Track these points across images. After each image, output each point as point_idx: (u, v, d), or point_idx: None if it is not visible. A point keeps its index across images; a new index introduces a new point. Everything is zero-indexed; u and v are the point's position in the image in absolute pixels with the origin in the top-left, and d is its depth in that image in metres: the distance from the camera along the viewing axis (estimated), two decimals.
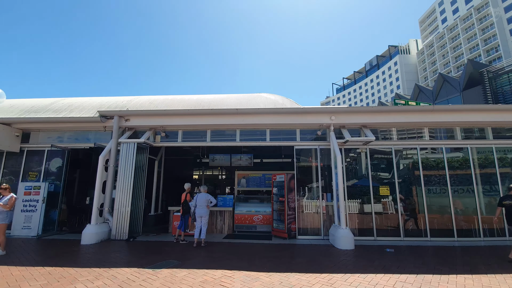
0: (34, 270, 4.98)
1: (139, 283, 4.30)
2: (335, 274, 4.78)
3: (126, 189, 7.88)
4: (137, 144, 8.15)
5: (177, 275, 4.68)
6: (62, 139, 9.16)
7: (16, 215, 8.25)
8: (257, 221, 8.96)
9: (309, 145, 8.50)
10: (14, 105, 10.40)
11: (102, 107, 9.52)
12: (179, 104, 10.00)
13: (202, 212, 7.06)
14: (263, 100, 10.20)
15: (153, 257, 5.90)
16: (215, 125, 8.60)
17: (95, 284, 4.25)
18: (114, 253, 6.35)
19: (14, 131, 8.84)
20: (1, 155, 9.04)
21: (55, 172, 8.97)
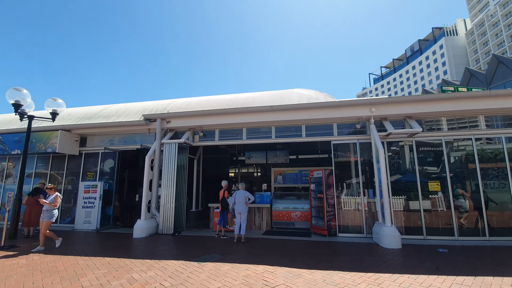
0: (96, 260, 5.56)
1: (186, 275, 4.55)
2: (382, 274, 4.56)
3: (170, 187, 8.39)
4: (178, 144, 8.61)
5: (221, 269, 4.86)
6: (113, 142, 10.05)
7: (78, 211, 9.31)
8: (295, 218, 8.90)
9: (348, 140, 8.18)
10: (71, 113, 11.66)
11: (145, 111, 10.21)
12: (214, 104, 10.30)
13: (241, 209, 7.23)
14: (296, 96, 10.04)
15: (197, 251, 6.20)
16: (250, 123, 8.70)
17: (148, 275, 4.61)
18: (162, 246, 6.81)
19: (73, 136, 9.94)
20: (64, 158, 10.22)
21: (108, 172, 9.89)
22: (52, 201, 6.53)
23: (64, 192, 10.05)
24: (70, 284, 4.22)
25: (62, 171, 10.25)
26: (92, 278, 4.45)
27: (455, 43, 63.70)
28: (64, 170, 10.23)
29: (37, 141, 9.48)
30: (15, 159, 10.67)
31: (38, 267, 5.11)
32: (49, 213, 6.53)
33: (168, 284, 4.13)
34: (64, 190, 10.05)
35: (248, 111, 8.49)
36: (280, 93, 10.71)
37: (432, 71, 67.06)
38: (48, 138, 9.47)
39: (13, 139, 9.96)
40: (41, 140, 9.52)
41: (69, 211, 9.82)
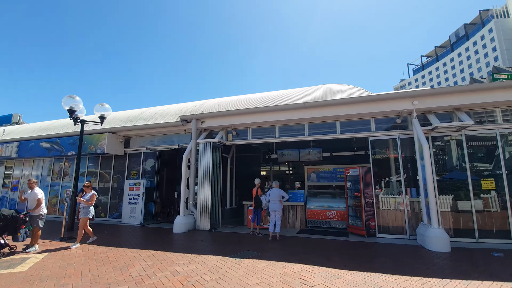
0: (142, 252, 5.98)
1: (225, 270, 4.70)
2: (429, 278, 4.26)
3: (206, 184, 8.70)
4: (212, 143, 8.88)
5: (258, 266, 4.93)
6: (153, 142, 10.70)
7: (124, 207, 10.08)
8: (331, 217, 8.68)
9: (387, 135, 7.74)
10: (115, 117, 12.63)
11: (180, 113, 10.66)
12: (245, 103, 10.40)
13: (276, 207, 7.24)
14: (328, 91, 9.75)
15: (234, 247, 6.36)
16: (283, 121, 8.66)
17: (189, 268, 4.84)
18: (200, 241, 7.10)
19: (119, 138, 10.77)
20: (111, 158, 11.14)
21: (149, 170, 10.56)
22: (88, 199, 6.90)
23: (111, 189, 10.96)
24: (121, 273, 4.60)
25: (110, 170, 11.18)
26: (139, 269, 4.79)
27: (506, 26, 56.74)
28: (112, 169, 11.14)
29: (88, 143, 10.45)
30: (70, 159, 11.88)
31: (93, 257, 5.64)
32: (86, 210, 6.88)
33: (208, 278, 4.30)
34: (111, 187, 10.97)
35: (280, 109, 8.46)
36: (311, 89, 10.49)
37: (480, 58, 60.56)
38: (98, 140, 10.39)
39: (69, 141, 11.10)
40: (91, 142, 10.48)
41: (116, 207, 10.69)
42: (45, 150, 11.73)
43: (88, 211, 6.89)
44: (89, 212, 6.91)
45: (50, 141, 11.65)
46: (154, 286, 4.00)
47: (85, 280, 4.29)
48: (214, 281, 4.19)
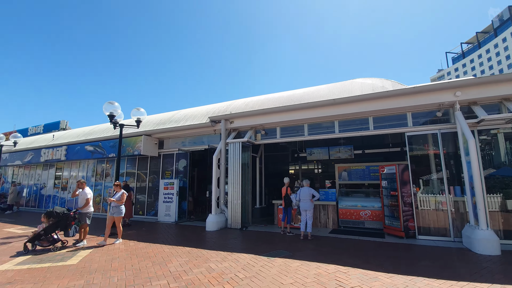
0: (178, 248, 6.24)
1: (258, 268, 4.73)
2: (478, 283, 3.91)
3: (236, 184, 8.83)
4: (241, 143, 8.99)
5: (291, 265, 4.89)
6: (185, 143, 11.12)
7: (160, 205, 10.60)
8: (365, 217, 8.35)
9: (426, 130, 7.24)
10: (149, 120, 13.30)
11: (208, 114, 10.93)
12: (272, 102, 10.35)
13: (306, 206, 7.13)
14: (358, 86, 9.36)
15: (265, 246, 6.38)
16: (312, 119, 8.50)
17: (223, 265, 4.95)
18: (232, 239, 7.23)
19: (153, 140, 11.36)
20: (147, 159, 11.79)
21: (182, 170, 11.00)
22: (118, 198, 6.99)
23: (148, 188, 11.59)
24: (160, 268, 4.84)
25: (146, 171, 11.83)
26: (176, 265, 5.01)
27: None
28: (147, 169, 11.79)
29: (126, 146, 11.16)
30: (111, 161, 12.78)
31: (135, 252, 6.01)
32: (118, 209, 6.97)
33: (242, 276, 4.37)
34: (147, 187, 11.60)
35: (308, 106, 8.31)
36: (339, 85, 10.13)
37: None
38: (135, 142, 11.05)
39: (109, 144, 11.94)
40: (129, 144, 11.17)
41: (153, 205, 11.29)
42: (89, 153, 12.75)
43: (120, 210, 7.01)
44: (121, 211, 7.02)
45: (93, 145, 12.64)
46: (191, 282, 4.15)
47: (128, 273, 4.59)
48: (248, 279, 4.24)
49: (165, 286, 4.01)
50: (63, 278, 4.39)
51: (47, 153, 14.58)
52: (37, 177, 16.36)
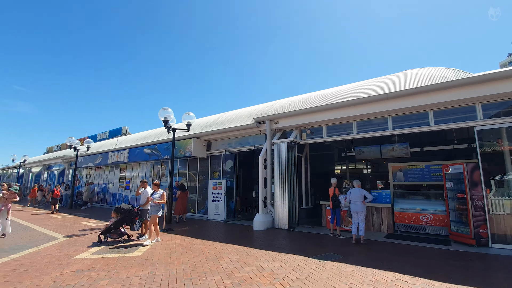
0: (228, 246, 6.47)
1: (309, 271, 4.63)
2: None
3: (282, 184, 8.81)
4: (287, 143, 8.93)
5: (344, 270, 4.68)
6: (231, 145, 11.50)
7: (209, 204, 11.13)
8: (426, 221, 7.58)
9: (500, 123, 6.27)
10: (196, 123, 14.06)
11: (251, 115, 11.10)
12: (317, 100, 10.05)
13: (358, 208, 6.76)
14: (412, 78, 8.52)
15: (314, 248, 6.22)
16: (361, 116, 8.04)
17: (273, 265, 4.97)
18: (280, 240, 7.22)
19: (202, 142, 12.01)
20: (196, 160, 12.50)
21: (229, 171, 11.39)
22: (159, 198, 7.13)
23: (198, 188, 12.27)
24: (213, 264, 5.07)
25: (196, 171, 12.55)
26: (228, 262, 5.19)
27: None
28: (197, 170, 12.49)
29: (178, 148, 11.98)
30: (165, 162, 13.86)
31: (189, 247, 6.41)
32: (157, 207, 7.05)
33: (293, 277, 4.32)
34: (198, 186, 12.28)
35: (357, 103, 7.87)
36: (390, 78, 9.33)
37: None
38: (185, 145, 11.81)
39: (164, 147, 12.98)
40: (180, 147, 11.98)
41: (203, 204, 11.91)
42: (147, 155, 14.04)
43: (158, 209, 7.06)
44: (159, 210, 7.06)
45: (150, 148, 13.88)
46: (243, 279, 4.26)
47: (186, 267, 4.91)
48: (300, 281, 4.18)
49: (220, 281, 4.18)
50: (130, 268, 4.89)
51: (113, 156, 16.48)
52: (105, 177, 18.60)
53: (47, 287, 4.01)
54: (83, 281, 4.25)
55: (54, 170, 24.85)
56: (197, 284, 4.09)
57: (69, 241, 7.20)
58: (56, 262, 5.24)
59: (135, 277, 4.39)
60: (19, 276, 4.49)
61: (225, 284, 4.08)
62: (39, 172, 27.22)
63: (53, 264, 5.11)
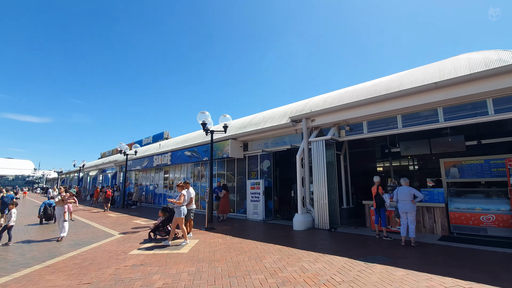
0: (269, 246, 6.49)
1: (355, 273, 4.44)
2: None
3: (321, 183, 8.58)
4: (325, 141, 8.69)
5: (394, 274, 4.40)
6: (267, 145, 11.55)
7: (248, 204, 11.30)
8: (487, 222, 6.78)
9: None
10: (232, 125, 14.36)
11: (286, 114, 10.99)
12: (354, 94, 9.55)
13: (407, 208, 6.30)
14: (464, 63, 7.64)
15: (359, 250, 5.95)
16: (406, 108, 7.48)
17: (317, 266, 4.87)
18: (321, 240, 7.05)
19: (238, 143, 12.25)
20: (234, 161, 12.80)
21: (266, 171, 11.44)
22: (177, 199, 7.04)
23: (236, 188, 12.54)
24: (256, 263, 5.14)
25: (233, 172, 12.84)
26: (270, 261, 5.22)
27: None
28: (235, 170, 12.77)
29: (216, 150, 12.38)
30: (204, 164, 14.42)
31: (231, 246, 6.57)
32: (177, 209, 6.96)
33: (338, 279, 4.19)
34: (236, 186, 12.55)
35: (402, 94, 7.34)
36: (437, 66, 8.49)
37: None
38: (223, 146, 12.16)
39: (202, 149, 13.52)
40: (218, 148, 12.37)
41: (241, 203, 12.14)
42: (187, 158, 14.76)
43: (180, 211, 6.94)
44: (181, 212, 6.95)
45: (190, 150, 14.57)
46: (287, 279, 4.24)
47: (230, 265, 5.05)
48: (346, 283, 4.03)
49: (263, 280, 4.22)
50: (179, 264, 5.18)
51: (157, 159, 17.64)
52: (151, 179, 20.00)
53: (108, 279, 4.44)
54: (138, 275, 4.61)
55: (107, 173, 27.44)
56: (242, 282, 4.18)
57: (123, 237, 7.88)
58: (115, 257, 5.77)
59: (184, 273, 4.64)
60: (84, 268, 5.04)
61: (269, 283, 4.11)
62: (96, 175, 30.26)
63: (112, 259, 5.64)
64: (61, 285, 4.23)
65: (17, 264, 5.42)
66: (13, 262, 5.55)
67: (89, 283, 4.29)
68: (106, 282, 4.28)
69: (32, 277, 4.64)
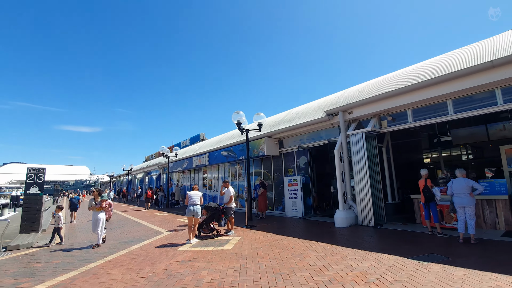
0: (312, 243, 6.39)
1: (408, 273, 4.17)
2: None
3: (363, 177, 8.20)
4: (365, 133, 8.26)
5: (454, 274, 4.03)
6: (303, 141, 11.36)
7: (286, 201, 11.26)
8: None
9: None
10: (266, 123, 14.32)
11: (320, 108, 10.66)
12: (394, 82, 8.87)
13: (464, 202, 5.72)
14: None
15: (410, 248, 5.56)
16: (458, 92, 6.76)
17: (364, 265, 4.66)
18: (367, 238, 6.74)
19: (273, 141, 12.25)
20: (270, 158, 12.83)
21: (303, 167, 11.27)
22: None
23: (273, 185, 12.56)
24: (299, 260, 5.10)
25: (270, 169, 12.87)
26: (314, 259, 5.13)
27: None
28: (271, 168, 12.80)
29: (252, 148, 12.53)
30: (241, 163, 14.68)
31: (273, 243, 6.61)
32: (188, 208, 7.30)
33: (390, 279, 3.96)
34: (273, 184, 12.57)
35: (452, 77, 6.66)
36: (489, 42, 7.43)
37: None
38: (258, 144, 12.26)
39: (238, 148, 13.78)
40: (254, 147, 12.49)
41: (279, 201, 12.14)
42: (224, 157, 15.17)
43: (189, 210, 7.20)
44: (189, 211, 7.17)
45: (226, 150, 14.95)
46: (333, 278, 4.13)
47: (273, 262, 5.08)
48: (399, 283, 3.79)
49: (309, 278, 4.17)
50: (224, 260, 5.36)
51: (196, 160, 18.42)
52: (191, 179, 20.97)
53: (162, 273, 4.76)
54: (188, 270, 4.87)
55: (152, 175, 29.40)
56: (287, 279, 4.17)
57: (171, 235, 8.38)
58: (165, 253, 6.17)
59: (230, 269, 4.79)
60: (140, 263, 5.47)
61: (315, 281, 4.05)
62: (142, 177, 32.64)
63: (163, 255, 6.04)
64: (122, 278, 4.64)
65: (83, 259, 6.08)
66: (79, 258, 6.24)
67: (145, 277, 4.64)
68: (160, 277, 4.60)
69: (96, 271, 5.16)
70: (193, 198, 7.36)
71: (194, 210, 7.17)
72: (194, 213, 7.17)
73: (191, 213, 7.18)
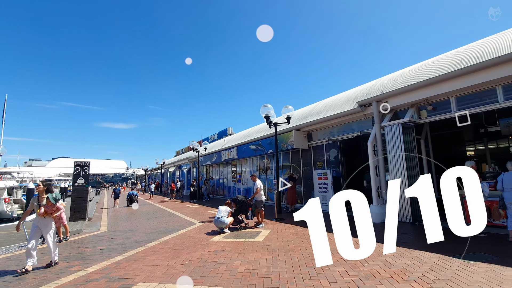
0: None
1: (453, 272, 3.91)
2: None
3: (400, 171, 7.78)
4: (401, 124, 7.81)
5: (504, 273, 3.72)
6: (333, 133, 11.05)
7: (316, 195, 11.07)
8: None
9: None
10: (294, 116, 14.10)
11: (350, 99, 10.22)
12: (433, 67, 8.12)
13: None
14: None
15: (453, 246, 5.12)
16: (509, 77, 6.10)
17: (403, 262, 4.46)
18: (404, 234, 6.42)
19: (302, 134, 12.07)
20: (298, 152, 12.68)
21: (333, 160, 10.99)
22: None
23: (302, 179, 12.42)
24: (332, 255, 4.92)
25: (299, 163, 12.74)
26: None
27: None
28: (300, 162, 12.65)
29: (280, 141, 12.45)
30: (269, 156, 14.71)
31: (304, 236, 6.57)
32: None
33: (432, 277, 3.75)
34: (302, 178, 12.43)
35: (501, 61, 6.00)
36: None
37: None
38: (287, 138, 12.16)
39: (267, 142, 13.79)
40: (283, 140, 12.42)
41: (308, 194, 11.99)
42: (252, 151, 15.30)
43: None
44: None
45: (255, 144, 15.04)
46: (370, 274, 4.02)
47: (305, 255, 5.06)
48: (443, 282, 3.58)
49: (344, 273, 4.09)
50: (256, 252, 5.45)
51: (225, 154, 18.81)
52: (220, 173, 21.49)
53: (197, 262, 4.97)
54: (221, 259, 5.03)
55: (183, 169, 30.63)
56: (321, 273, 4.13)
57: (203, 226, 8.71)
58: (199, 243, 6.43)
59: (262, 261, 4.86)
60: (176, 252, 5.76)
61: (350, 276, 3.96)
62: (174, 171, 34.17)
63: (197, 244, 6.30)
64: (161, 264, 4.93)
65: (125, 246, 6.55)
66: (122, 244, 6.72)
67: (182, 264, 4.88)
68: (196, 265, 4.80)
69: (137, 257, 5.54)
70: (221, 213, 7.75)
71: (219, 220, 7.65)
72: (219, 222, 7.61)
73: (218, 224, 7.64)
